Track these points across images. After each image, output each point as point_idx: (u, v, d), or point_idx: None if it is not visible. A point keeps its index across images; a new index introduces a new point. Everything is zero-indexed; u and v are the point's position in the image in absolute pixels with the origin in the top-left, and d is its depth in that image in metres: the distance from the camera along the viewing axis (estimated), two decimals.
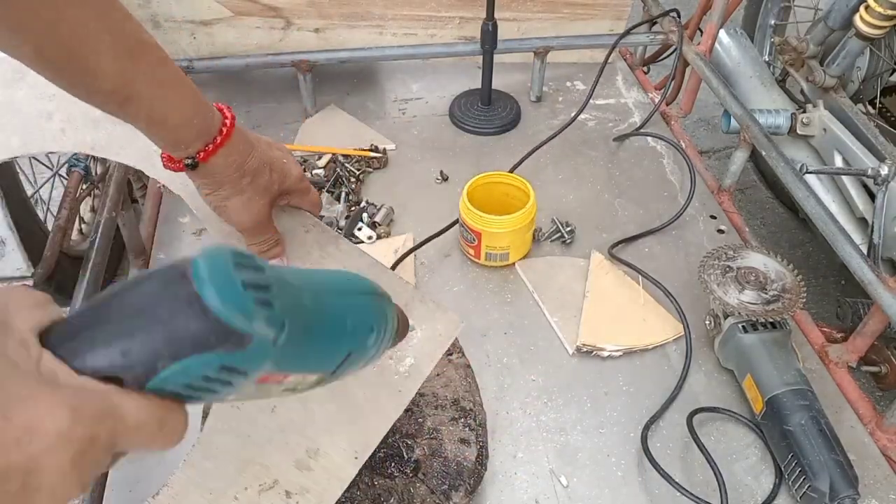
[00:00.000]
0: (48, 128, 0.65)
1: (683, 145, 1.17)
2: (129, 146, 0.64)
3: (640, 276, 0.96)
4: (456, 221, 1.00)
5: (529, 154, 1.14)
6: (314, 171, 1.12)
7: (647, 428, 0.79)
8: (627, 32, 1.32)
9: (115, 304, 0.29)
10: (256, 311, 0.29)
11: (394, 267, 0.95)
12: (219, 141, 0.53)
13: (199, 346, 0.29)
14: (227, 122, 0.54)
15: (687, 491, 0.71)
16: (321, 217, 1.04)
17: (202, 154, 0.53)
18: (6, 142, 0.63)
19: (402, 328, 0.46)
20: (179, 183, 0.62)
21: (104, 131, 0.65)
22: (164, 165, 0.55)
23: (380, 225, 1.04)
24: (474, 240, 0.96)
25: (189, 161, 0.53)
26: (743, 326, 0.82)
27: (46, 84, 0.52)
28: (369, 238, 1.01)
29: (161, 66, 0.49)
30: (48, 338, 0.29)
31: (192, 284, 0.29)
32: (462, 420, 0.69)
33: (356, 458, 0.52)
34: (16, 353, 0.27)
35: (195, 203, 0.62)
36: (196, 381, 0.30)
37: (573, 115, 1.22)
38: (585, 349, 0.87)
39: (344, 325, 0.38)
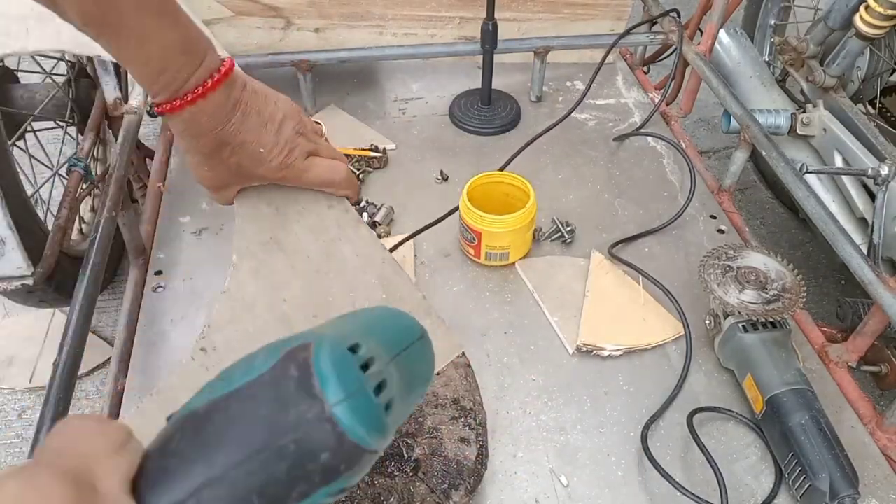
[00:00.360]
0: (16, 29, 0.63)
1: (683, 145, 1.17)
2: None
3: (640, 276, 0.96)
4: (455, 209, 1.00)
5: (520, 151, 1.13)
6: None
7: (647, 428, 0.79)
8: (627, 32, 1.32)
9: (211, 438, 0.24)
10: (391, 429, 0.26)
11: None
12: (178, 104, 0.47)
13: (328, 476, 0.24)
14: (208, 83, 0.48)
15: (687, 490, 0.71)
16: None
17: (160, 108, 0.48)
18: None
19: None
20: None
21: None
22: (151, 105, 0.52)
23: (380, 224, 1.04)
24: (474, 239, 0.96)
25: (148, 109, 0.50)
26: (743, 326, 0.82)
27: None
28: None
29: (138, 12, 0.44)
30: (141, 492, 0.24)
31: (324, 403, 0.24)
32: (462, 419, 0.69)
33: None
34: None
35: None
36: None
37: (568, 111, 1.22)
38: (585, 349, 0.87)
39: (418, 394, 0.34)
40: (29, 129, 1.20)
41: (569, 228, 1.03)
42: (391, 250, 0.96)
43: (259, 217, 0.57)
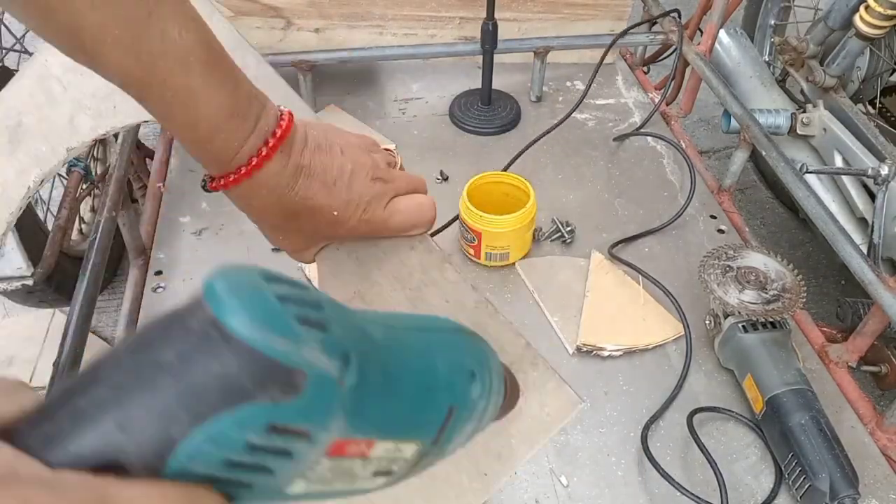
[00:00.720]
0: (105, 107, 0.62)
1: (683, 145, 1.17)
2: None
3: (640, 276, 0.96)
4: (455, 218, 1.00)
5: (522, 152, 1.14)
6: None
7: (647, 428, 0.79)
8: (625, 32, 1.32)
9: (107, 363, 0.20)
10: (305, 335, 0.21)
11: None
12: (232, 179, 0.42)
13: (229, 395, 0.19)
14: (263, 151, 0.41)
15: (687, 491, 0.71)
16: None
17: (213, 183, 0.43)
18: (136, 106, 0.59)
19: (512, 390, 0.36)
20: None
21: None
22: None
23: None
24: (474, 239, 0.96)
25: (201, 182, 0.44)
26: (743, 326, 0.82)
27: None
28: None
29: (184, 69, 0.39)
30: (17, 430, 0.20)
31: (208, 308, 0.20)
32: None
33: None
34: None
35: None
36: (237, 454, 0.20)
37: (568, 112, 1.22)
38: (585, 349, 0.87)
39: (435, 368, 0.28)
40: None
41: (569, 228, 1.03)
42: None
43: (341, 271, 0.51)
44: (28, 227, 0.98)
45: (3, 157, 0.63)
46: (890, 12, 1.03)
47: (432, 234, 0.67)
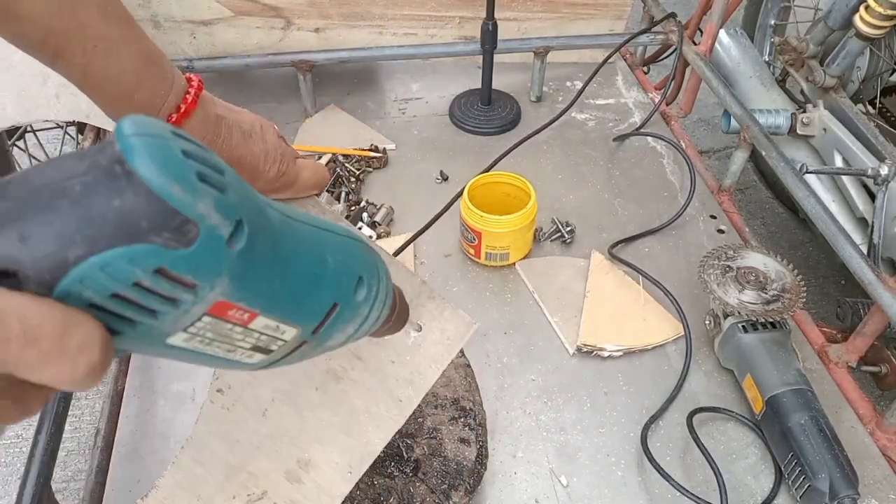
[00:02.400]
0: (42, 93, 0.61)
1: (683, 145, 1.17)
2: None
3: (640, 276, 0.96)
4: (455, 198, 0.99)
5: (511, 149, 1.13)
6: None
7: (646, 428, 0.79)
8: (633, 37, 1.31)
9: (17, 182, 0.21)
10: (202, 190, 0.22)
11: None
12: (172, 120, 0.43)
13: (125, 231, 0.21)
14: (188, 98, 0.43)
15: (687, 491, 0.71)
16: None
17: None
18: (1, 110, 0.59)
19: (402, 311, 0.39)
20: None
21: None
22: None
23: (380, 224, 1.04)
24: (474, 239, 0.96)
25: None
26: (743, 326, 0.82)
27: None
28: (369, 238, 1.01)
29: (104, 18, 0.39)
30: None
31: (116, 146, 0.21)
32: (462, 420, 0.69)
33: (350, 472, 0.47)
34: None
35: None
36: (124, 290, 0.21)
37: (564, 108, 1.22)
38: (586, 349, 0.87)
39: (324, 262, 0.30)
40: (29, 129, 1.20)
41: (569, 228, 1.03)
42: (395, 254, 0.96)
43: None
44: None
45: None
46: (890, 12, 1.03)
47: (435, 229, 0.68)
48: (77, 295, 0.21)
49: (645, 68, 1.44)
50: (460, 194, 0.98)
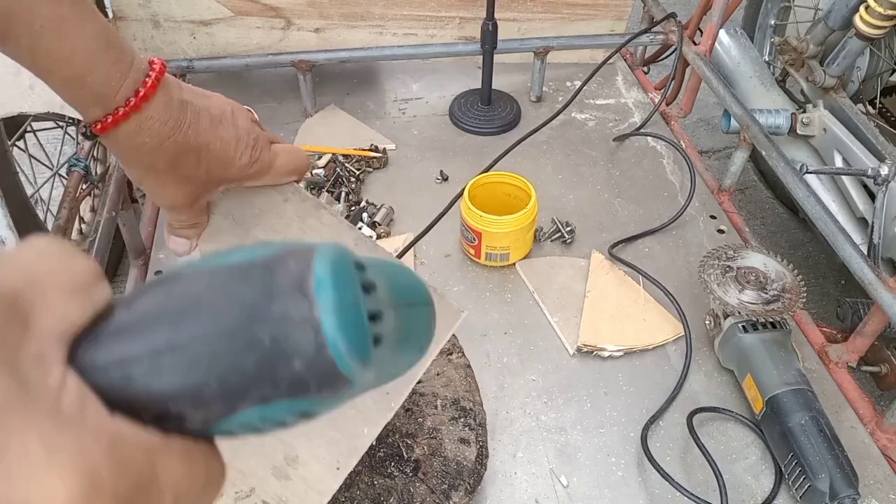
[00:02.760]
0: (16, 83, 0.59)
1: (683, 145, 1.17)
2: None
3: (640, 276, 0.96)
4: (455, 198, 0.99)
5: (510, 148, 1.13)
6: (314, 171, 1.12)
7: (646, 428, 0.79)
8: (633, 38, 1.31)
9: (187, 304, 0.21)
10: (375, 357, 0.22)
11: None
12: (121, 113, 0.40)
13: (295, 388, 0.21)
14: (148, 82, 0.40)
15: (687, 491, 0.71)
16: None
17: (99, 125, 0.40)
18: None
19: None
20: None
21: None
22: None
23: (380, 225, 1.04)
24: (475, 239, 0.96)
25: (83, 130, 0.42)
26: (743, 326, 0.82)
27: None
28: (369, 238, 1.01)
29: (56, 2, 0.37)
30: (82, 346, 0.20)
31: (313, 305, 0.21)
32: (462, 420, 0.69)
33: (337, 468, 0.46)
34: (30, 370, 0.18)
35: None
36: (259, 425, 0.22)
37: (562, 106, 1.22)
38: (586, 350, 0.87)
39: (407, 361, 0.29)
40: (29, 129, 1.20)
41: (569, 228, 1.03)
42: (398, 256, 0.96)
43: (219, 234, 0.52)
44: (28, 227, 0.98)
45: None
46: (890, 12, 1.03)
47: (435, 229, 0.66)
48: (218, 432, 0.22)
49: (645, 68, 1.44)
50: (461, 195, 0.98)
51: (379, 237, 1.02)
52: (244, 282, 0.21)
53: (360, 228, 1.02)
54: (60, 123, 1.24)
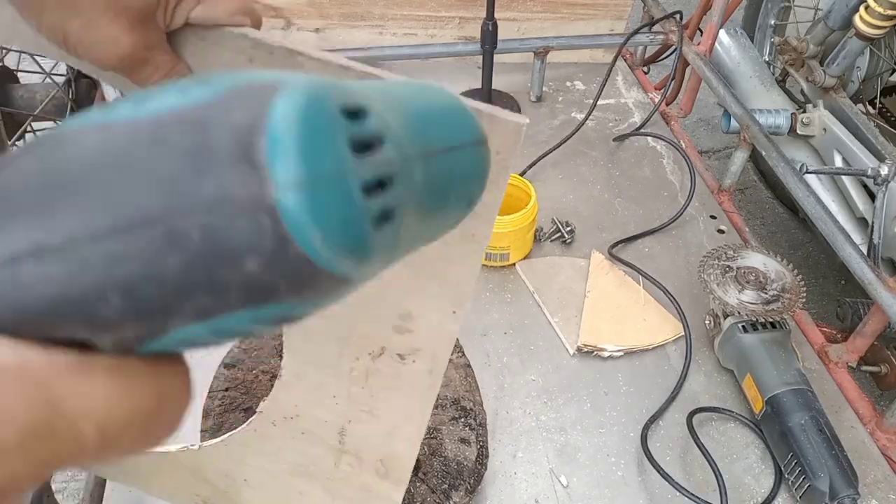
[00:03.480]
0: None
1: (683, 145, 1.18)
2: None
3: (640, 276, 0.96)
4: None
5: (542, 157, 1.14)
6: None
7: (646, 428, 0.79)
8: (635, 33, 1.31)
9: (67, 182, 0.14)
10: (377, 246, 0.16)
11: None
12: None
13: (257, 294, 0.15)
14: None
15: (687, 491, 0.71)
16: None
17: None
18: None
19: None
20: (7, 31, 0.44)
21: None
22: None
23: None
24: None
25: None
26: (743, 326, 0.82)
27: None
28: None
29: None
30: None
31: (265, 178, 0.14)
32: (462, 419, 0.69)
33: (454, 312, 0.45)
34: None
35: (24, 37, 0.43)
36: (222, 337, 0.17)
37: (583, 118, 1.22)
38: (586, 350, 0.87)
39: (450, 218, 0.22)
40: (29, 129, 1.20)
41: (569, 229, 1.03)
42: None
43: None
44: None
45: None
46: (890, 12, 1.03)
47: None
48: (164, 349, 0.16)
49: (645, 68, 1.44)
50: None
51: None
52: (160, 144, 0.14)
53: None
54: (59, 121, 1.24)
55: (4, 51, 1.15)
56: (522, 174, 1.09)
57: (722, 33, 1.40)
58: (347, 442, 0.48)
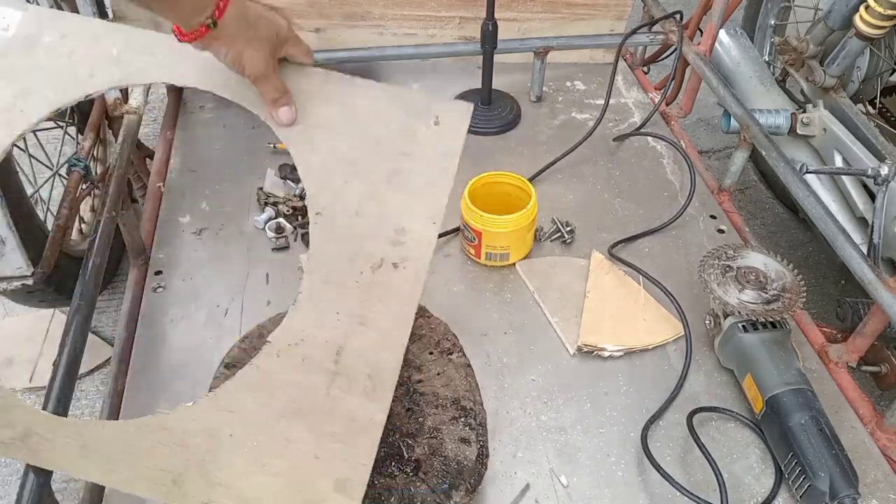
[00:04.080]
0: (78, 76, 0.70)
1: (683, 145, 1.18)
2: (151, 69, 0.72)
3: (640, 276, 0.96)
4: (455, 229, 1.00)
5: (553, 163, 1.14)
6: None
7: (646, 428, 0.79)
8: (633, 33, 1.31)
9: None
10: None
11: None
12: (223, 3, 0.60)
13: None
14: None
15: (687, 491, 0.71)
16: None
17: (218, 12, 0.60)
18: (43, 97, 0.69)
19: None
20: (200, 77, 0.71)
21: (126, 65, 0.72)
22: (179, 40, 0.62)
23: None
24: (475, 239, 0.96)
25: (209, 21, 0.60)
26: (743, 326, 0.82)
27: (62, 42, 0.68)
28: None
29: None
30: None
31: None
32: (462, 419, 0.69)
33: (434, 223, 0.63)
34: None
35: (215, 82, 0.70)
36: None
37: (594, 124, 1.22)
38: (586, 349, 0.87)
39: None
40: None
41: (569, 229, 1.03)
42: None
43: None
44: (28, 227, 0.98)
45: None
46: (890, 12, 1.03)
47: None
48: None
49: (645, 68, 1.44)
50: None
51: None
52: None
53: None
54: (60, 123, 1.24)
55: None
56: (531, 179, 1.08)
57: (722, 33, 1.40)
58: (342, 361, 0.58)
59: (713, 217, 1.08)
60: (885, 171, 0.97)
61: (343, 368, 0.58)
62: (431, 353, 0.74)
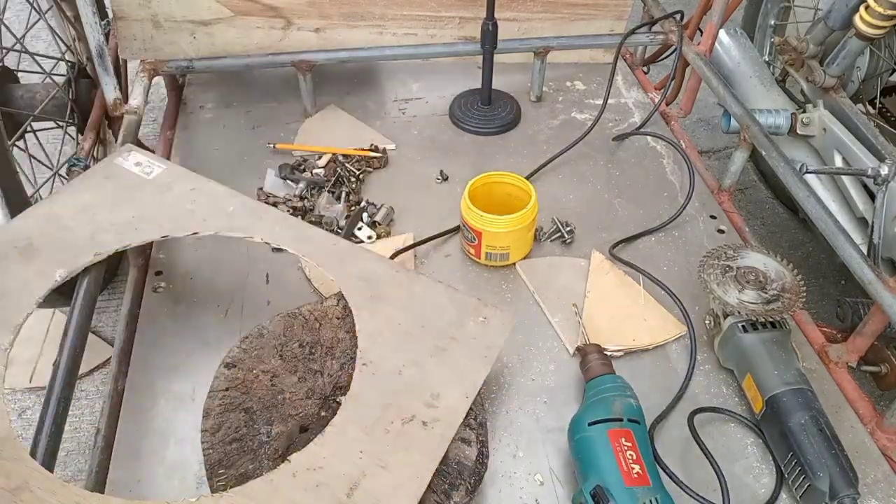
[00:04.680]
0: (194, 216, 0.83)
1: (683, 145, 1.18)
2: (255, 227, 0.82)
3: (640, 276, 0.96)
4: (455, 229, 1.00)
5: (550, 161, 1.14)
6: (314, 171, 1.12)
7: (652, 427, 0.79)
8: (632, 32, 1.31)
9: None
10: None
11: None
12: None
13: None
14: None
15: (691, 490, 0.71)
16: (321, 217, 1.04)
17: None
18: (158, 225, 0.82)
19: None
20: (295, 244, 0.80)
21: (236, 219, 0.83)
22: None
23: (380, 224, 1.04)
24: (475, 239, 0.96)
25: None
26: (743, 326, 0.82)
27: (190, 193, 0.82)
28: (369, 238, 1.01)
29: None
30: None
31: None
32: (462, 419, 0.69)
33: (466, 397, 0.68)
34: None
35: (308, 250, 0.80)
36: None
37: (593, 122, 1.22)
38: None
39: None
40: (29, 129, 1.20)
41: (569, 228, 1.03)
42: (392, 256, 0.96)
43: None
44: None
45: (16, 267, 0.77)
46: (890, 12, 1.03)
47: (435, 237, 0.99)
48: None
49: (645, 68, 1.44)
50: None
51: (379, 237, 1.02)
52: None
53: (360, 229, 1.02)
54: (60, 123, 1.24)
55: (4, 51, 1.15)
56: (528, 178, 1.08)
57: (722, 33, 1.40)
58: (354, 497, 0.59)
59: (713, 217, 1.08)
60: (884, 171, 0.97)
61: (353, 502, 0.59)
62: None
